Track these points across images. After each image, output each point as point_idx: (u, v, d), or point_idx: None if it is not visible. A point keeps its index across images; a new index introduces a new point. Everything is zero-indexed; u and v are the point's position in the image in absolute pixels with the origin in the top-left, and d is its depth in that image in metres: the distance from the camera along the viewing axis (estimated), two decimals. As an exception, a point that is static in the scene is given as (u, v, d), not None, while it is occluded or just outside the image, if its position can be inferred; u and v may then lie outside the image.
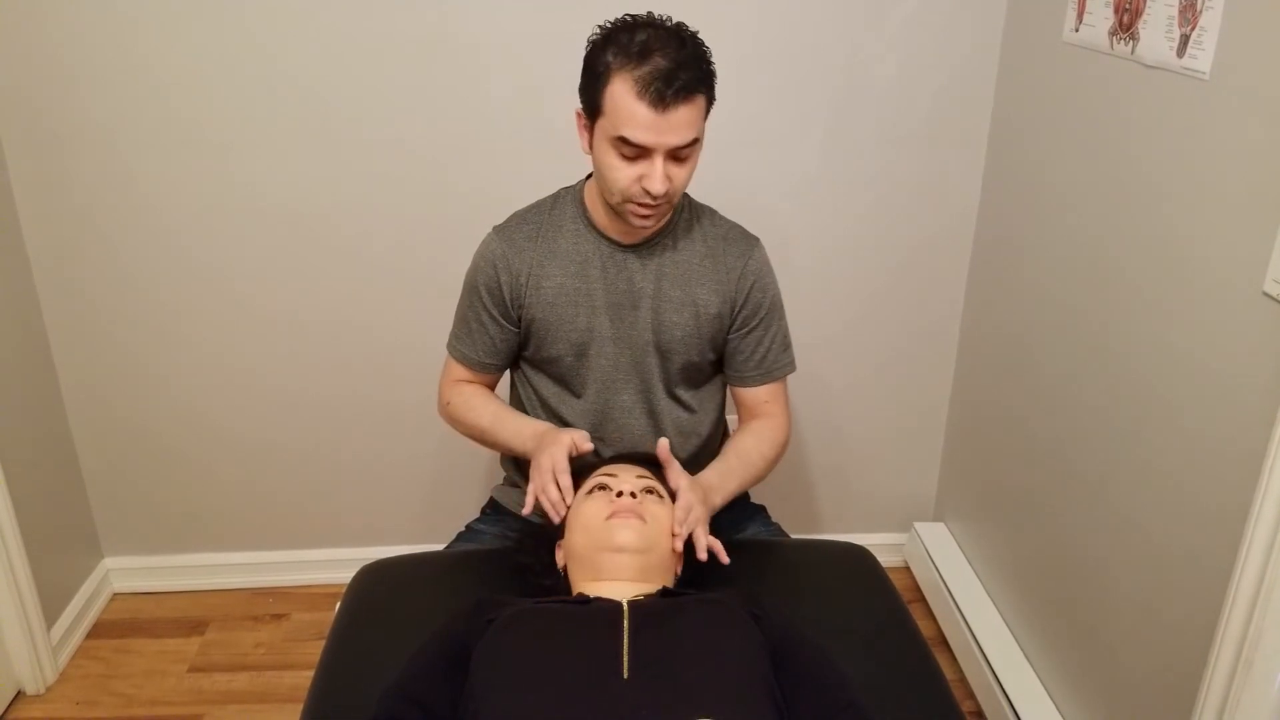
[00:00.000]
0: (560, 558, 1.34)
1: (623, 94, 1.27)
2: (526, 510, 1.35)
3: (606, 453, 1.54)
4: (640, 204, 1.35)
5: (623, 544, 1.23)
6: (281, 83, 1.92)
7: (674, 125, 1.28)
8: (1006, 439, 2.02)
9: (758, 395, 1.56)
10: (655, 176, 1.31)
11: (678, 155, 1.32)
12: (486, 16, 1.89)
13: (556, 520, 1.32)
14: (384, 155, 1.98)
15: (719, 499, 1.43)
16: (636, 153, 1.30)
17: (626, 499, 1.27)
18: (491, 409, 1.54)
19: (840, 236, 2.13)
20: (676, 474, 1.37)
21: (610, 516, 1.25)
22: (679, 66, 1.26)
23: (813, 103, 2.00)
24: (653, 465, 1.41)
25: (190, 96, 1.91)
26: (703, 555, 1.29)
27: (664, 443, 1.38)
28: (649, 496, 1.30)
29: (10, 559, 1.91)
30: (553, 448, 1.35)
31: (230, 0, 1.85)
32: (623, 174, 1.33)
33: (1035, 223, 1.87)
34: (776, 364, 1.56)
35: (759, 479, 1.55)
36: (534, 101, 1.94)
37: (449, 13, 1.89)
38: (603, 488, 1.31)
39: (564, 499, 1.31)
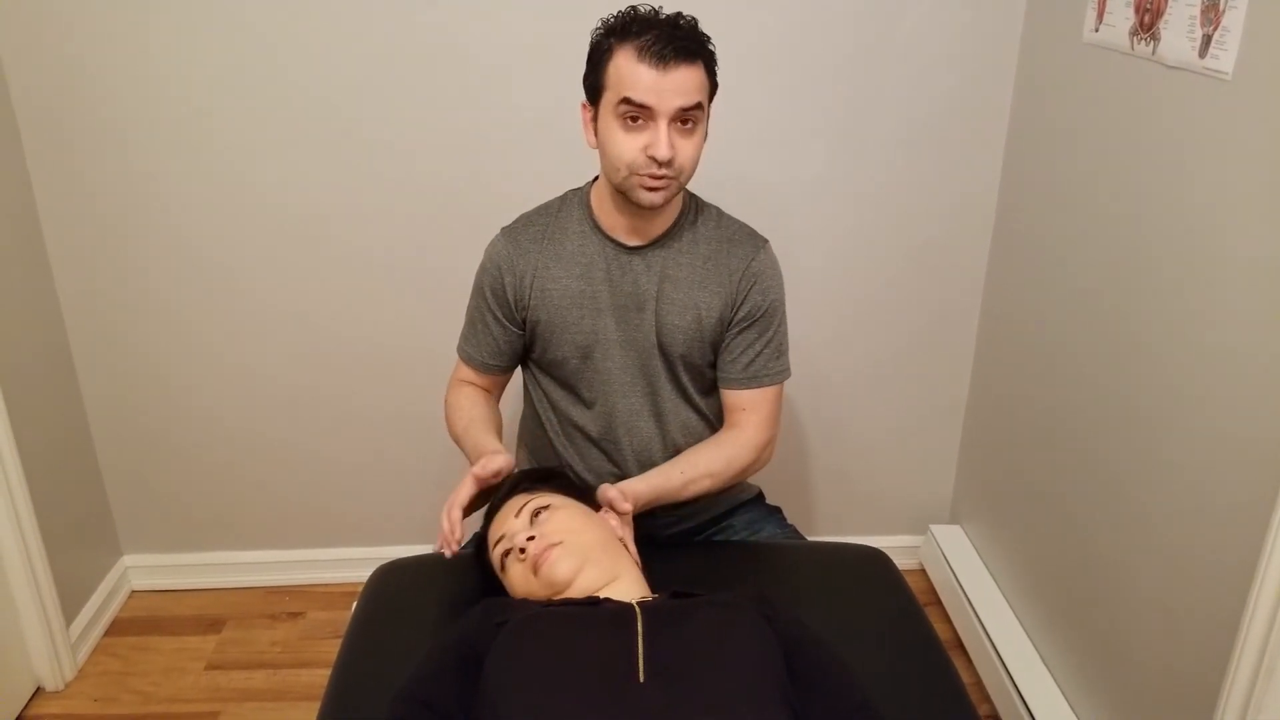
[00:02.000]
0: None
1: (624, 62, 1.30)
2: (436, 548, 1.31)
3: (619, 457, 1.54)
4: (648, 174, 1.34)
5: (564, 577, 1.20)
6: (299, 88, 1.93)
7: (675, 85, 1.29)
8: (1023, 441, 2.01)
9: (737, 401, 1.52)
10: (660, 142, 1.30)
11: (682, 124, 1.33)
12: (496, 22, 1.90)
13: (449, 555, 1.28)
14: (401, 159, 1.99)
15: (642, 506, 1.41)
16: (640, 115, 1.31)
17: (532, 547, 1.22)
18: (468, 418, 1.51)
19: (857, 235, 2.12)
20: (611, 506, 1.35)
21: (536, 572, 1.21)
22: (676, 35, 1.30)
23: (830, 103, 2.00)
24: (531, 483, 1.36)
25: (208, 102, 1.93)
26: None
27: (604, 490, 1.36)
28: (541, 518, 1.26)
29: (30, 556, 1.93)
30: (463, 479, 1.32)
31: (246, 7, 1.86)
32: (627, 145, 1.32)
33: (1054, 223, 1.85)
34: (764, 370, 1.51)
35: (697, 496, 1.49)
36: (544, 105, 1.94)
37: (459, 18, 1.89)
38: (506, 554, 1.26)
39: (453, 533, 1.28)
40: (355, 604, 1.48)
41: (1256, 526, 1.27)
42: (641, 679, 1.04)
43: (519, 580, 1.24)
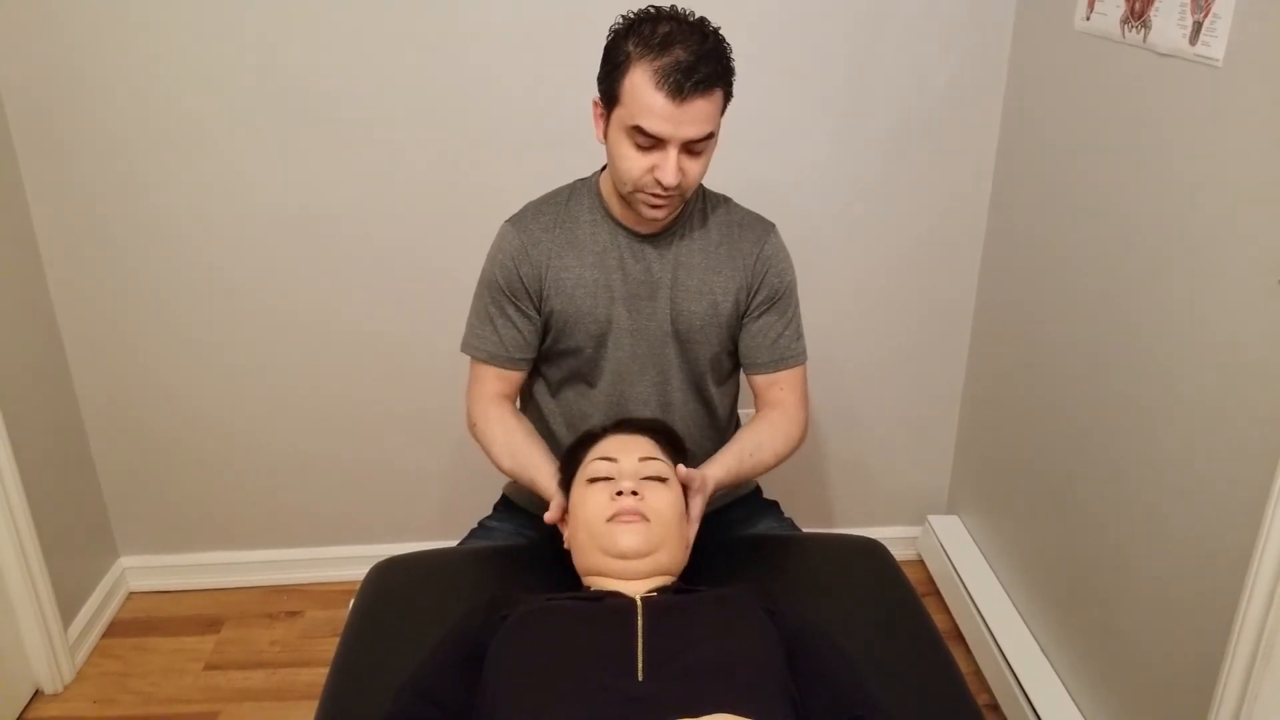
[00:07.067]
0: (566, 540, 1.32)
1: (641, 83, 1.27)
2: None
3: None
4: (652, 194, 1.35)
5: (625, 550, 1.20)
6: (293, 86, 1.92)
7: (690, 117, 1.28)
8: (1020, 430, 2.01)
9: (773, 383, 1.54)
10: (668, 168, 1.30)
11: (692, 149, 1.32)
12: (495, 12, 1.89)
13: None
14: (396, 156, 1.99)
15: (715, 493, 1.41)
16: (651, 143, 1.30)
17: (628, 499, 1.22)
18: (510, 451, 1.48)
19: (852, 227, 2.12)
20: (693, 491, 1.34)
21: (612, 519, 1.21)
22: (699, 59, 1.27)
23: (825, 94, 2.00)
24: (655, 432, 1.37)
25: (201, 102, 1.92)
26: None
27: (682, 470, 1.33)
28: (651, 485, 1.26)
29: (27, 559, 1.92)
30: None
31: (239, 4, 1.85)
32: (636, 164, 1.32)
33: (1047, 212, 1.85)
34: (789, 351, 1.54)
35: (764, 473, 1.53)
36: (545, 98, 1.94)
37: (458, 10, 1.89)
38: (606, 478, 1.27)
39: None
40: (352, 602, 1.48)
41: (1252, 513, 1.27)
42: (640, 673, 1.04)
43: (590, 511, 1.24)
